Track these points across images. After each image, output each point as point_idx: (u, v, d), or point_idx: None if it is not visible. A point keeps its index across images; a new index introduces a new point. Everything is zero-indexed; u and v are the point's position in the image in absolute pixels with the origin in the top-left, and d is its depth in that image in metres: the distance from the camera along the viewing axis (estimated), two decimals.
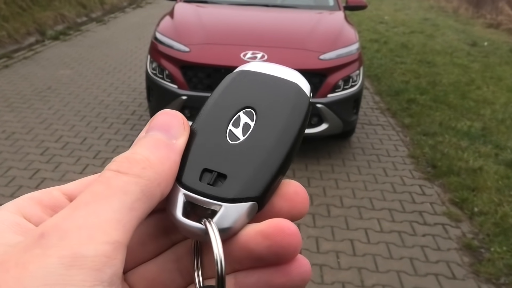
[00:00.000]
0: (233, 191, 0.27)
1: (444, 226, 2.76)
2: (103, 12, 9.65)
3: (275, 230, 0.26)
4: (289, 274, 0.27)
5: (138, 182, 0.25)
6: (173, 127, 0.29)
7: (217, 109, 0.31)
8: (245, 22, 3.85)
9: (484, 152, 3.76)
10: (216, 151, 0.29)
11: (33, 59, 6.01)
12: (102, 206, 0.24)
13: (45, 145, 3.54)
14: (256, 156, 0.28)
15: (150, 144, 0.28)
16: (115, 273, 0.23)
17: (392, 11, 11.63)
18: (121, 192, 0.25)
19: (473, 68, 6.62)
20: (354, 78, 3.45)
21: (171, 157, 0.27)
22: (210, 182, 0.28)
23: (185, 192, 0.28)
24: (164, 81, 3.38)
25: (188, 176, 0.28)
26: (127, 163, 0.26)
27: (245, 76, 0.33)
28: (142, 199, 0.25)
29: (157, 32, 3.63)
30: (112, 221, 0.24)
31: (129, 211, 0.24)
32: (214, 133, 0.30)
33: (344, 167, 3.43)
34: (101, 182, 0.25)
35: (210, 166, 0.28)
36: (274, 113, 0.30)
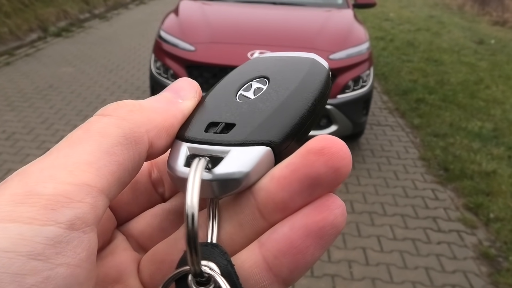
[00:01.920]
0: (242, 135, 0.25)
1: (460, 233, 2.66)
2: (106, 9, 9.54)
3: (327, 143, 0.24)
4: (329, 207, 0.24)
5: (120, 124, 0.23)
6: (183, 89, 0.28)
7: (229, 81, 0.30)
8: (252, 20, 3.75)
9: (497, 155, 3.66)
10: (224, 107, 0.27)
11: (35, 56, 5.91)
12: (75, 149, 0.22)
13: (46, 146, 3.45)
14: (268, 106, 0.26)
15: (154, 98, 0.26)
16: (79, 217, 0.20)
17: (397, 8, 11.49)
18: (98, 134, 0.23)
19: (481, 66, 6.50)
20: (364, 78, 3.35)
21: (169, 110, 0.26)
22: (216, 131, 0.26)
23: (188, 145, 0.26)
24: (168, 81, 3.28)
25: (191, 130, 0.26)
26: (115, 105, 0.25)
27: (259, 59, 0.32)
28: (124, 143, 0.23)
29: (161, 30, 3.52)
30: (82, 163, 0.21)
31: (106, 155, 0.22)
32: (223, 95, 0.28)
33: (354, 170, 3.33)
34: (81, 127, 0.24)
35: (217, 119, 0.26)
36: (288, 78, 0.28)
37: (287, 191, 0.24)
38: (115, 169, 0.22)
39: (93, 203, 0.21)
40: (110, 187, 0.22)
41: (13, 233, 0.19)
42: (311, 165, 0.24)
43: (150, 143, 0.24)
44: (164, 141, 0.25)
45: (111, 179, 0.22)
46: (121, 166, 0.23)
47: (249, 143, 0.24)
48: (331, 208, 0.24)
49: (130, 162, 0.23)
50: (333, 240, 0.24)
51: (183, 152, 0.25)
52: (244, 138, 0.25)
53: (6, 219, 0.19)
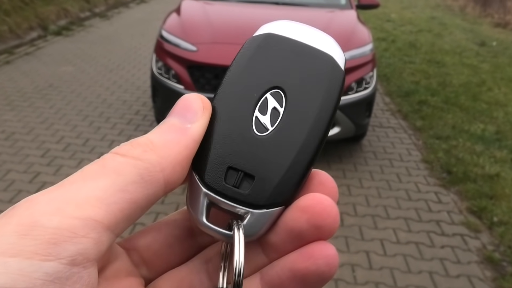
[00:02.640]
0: (262, 197, 0.25)
1: (463, 237, 2.63)
2: (107, 7, 9.51)
3: (313, 202, 0.25)
4: (313, 256, 0.25)
5: (136, 164, 0.23)
6: (190, 111, 0.27)
7: (242, 88, 0.28)
8: (255, 20, 3.72)
9: (500, 158, 3.64)
10: (242, 145, 0.26)
11: (35, 55, 5.88)
12: (88, 183, 0.22)
13: (46, 146, 3.42)
14: (286, 153, 0.26)
15: (162, 129, 0.26)
16: (81, 252, 0.20)
17: (398, 9, 11.47)
18: (114, 172, 0.23)
19: (483, 68, 6.48)
20: (368, 80, 3.32)
21: (181, 142, 0.25)
22: (236, 184, 0.26)
23: (208, 193, 0.26)
24: (170, 81, 3.26)
25: (211, 174, 0.26)
26: (129, 145, 0.25)
27: (272, 44, 0.29)
28: (139, 182, 0.23)
29: (163, 30, 3.49)
30: (92, 198, 0.22)
31: (118, 192, 0.22)
32: (239, 120, 0.27)
33: (356, 172, 3.31)
34: (96, 162, 0.24)
35: (236, 164, 0.26)
36: (306, 97, 0.27)
37: (278, 237, 0.27)
38: (126, 207, 0.23)
39: (97, 238, 0.21)
40: (117, 223, 0.22)
41: (13, 268, 0.19)
42: (296, 220, 0.26)
43: (166, 181, 0.25)
44: (180, 175, 0.25)
45: (119, 215, 0.22)
46: (134, 204, 0.23)
47: (267, 206, 0.26)
48: (315, 258, 0.25)
49: (144, 201, 0.24)
50: (322, 285, 0.26)
51: (203, 201, 0.26)
52: (264, 203, 0.25)
53: (8, 253, 0.19)
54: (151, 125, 3.85)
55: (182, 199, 2.88)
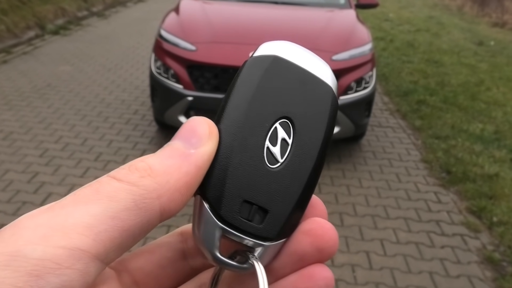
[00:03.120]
0: (274, 231, 0.26)
1: (463, 237, 2.63)
2: (104, 6, 9.48)
3: (316, 225, 0.26)
4: (314, 277, 0.26)
5: (131, 190, 0.22)
6: (196, 135, 0.26)
7: (252, 115, 0.27)
8: (254, 19, 3.71)
9: (499, 157, 3.64)
10: (256, 178, 0.26)
11: (33, 54, 5.86)
12: (78, 208, 0.21)
13: (44, 146, 3.41)
14: (295, 188, 0.27)
15: (163, 153, 0.25)
16: (66, 285, 0.19)
17: (396, 9, 11.48)
18: (107, 197, 0.22)
19: (481, 68, 6.49)
20: (367, 80, 3.32)
21: (182, 168, 0.24)
22: (249, 217, 0.26)
23: (223, 227, 0.25)
24: (169, 81, 3.24)
25: (226, 207, 0.25)
26: (126, 170, 0.24)
27: (279, 69, 0.29)
28: (132, 209, 0.22)
29: (162, 30, 3.48)
30: (81, 226, 0.21)
31: (110, 219, 0.21)
32: (252, 151, 0.26)
33: (356, 172, 3.30)
34: (90, 185, 0.23)
35: (251, 198, 0.26)
36: (311, 130, 0.28)
37: (278, 262, 0.27)
38: (117, 235, 0.22)
39: (83, 269, 0.20)
40: (107, 253, 0.21)
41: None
42: (299, 243, 0.26)
43: (162, 208, 0.24)
44: (178, 202, 0.24)
45: (109, 245, 0.21)
46: (125, 233, 0.22)
47: (278, 239, 0.26)
48: (315, 279, 0.26)
49: (138, 229, 0.23)
50: None
51: (217, 235, 0.26)
52: (275, 235, 0.26)
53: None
54: (149, 125, 3.84)
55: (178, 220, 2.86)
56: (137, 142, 3.54)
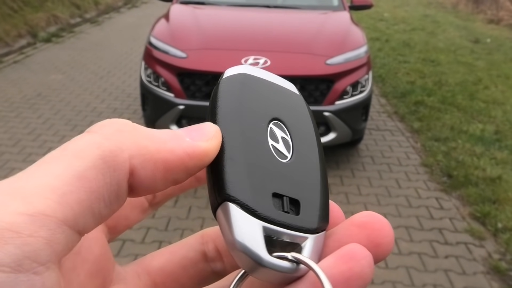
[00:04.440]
0: (314, 220, 0.25)
1: (467, 246, 2.54)
2: (98, 13, 9.39)
3: (371, 218, 0.24)
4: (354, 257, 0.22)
5: (101, 144, 0.20)
6: (198, 132, 0.24)
7: (245, 120, 0.26)
8: (246, 24, 3.62)
9: (501, 159, 3.55)
10: (275, 171, 0.25)
11: (24, 63, 5.76)
12: (41, 169, 0.19)
13: (32, 159, 3.30)
14: (313, 176, 0.26)
15: (158, 130, 0.23)
16: (28, 255, 0.17)
17: (391, 8, 11.41)
18: (73, 155, 0.20)
19: (478, 66, 6.41)
20: (363, 83, 3.22)
21: (168, 143, 0.22)
22: (286, 209, 0.24)
23: (263, 224, 0.23)
24: (159, 89, 3.15)
25: (260, 203, 0.23)
26: (106, 121, 0.22)
27: (252, 82, 0.29)
28: (100, 167, 0.20)
29: (151, 37, 3.38)
30: (43, 188, 0.18)
31: (76, 179, 0.19)
32: (260, 149, 0.25)
33: (354, 178, 3.21)
34: (62, 145, 0.21)
35: (279, 190, 0.24)
36: (301, 126, 0.28)
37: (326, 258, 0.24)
38: (84, 197, 0.19)
39: (49, 236, 0.18)
40: (76, 217, 0.19)
41: None
42: (353, 237, 0.24)
43: (131, 170, 0.21)
44: (149, 173, 0.21)
45: (77, 208, 0.19)
46: (93, 194, 0.20)
47: (319, 230, 0.25)
48: (357, 259, 0.22)
49: (106, 191, 0.20)
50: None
51: (260, 234, 0.23)
52: (317, 226, 0.25)
53: None
54: None
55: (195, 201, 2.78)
56: None
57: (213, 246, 0.29)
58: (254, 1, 3.99)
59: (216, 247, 0.29)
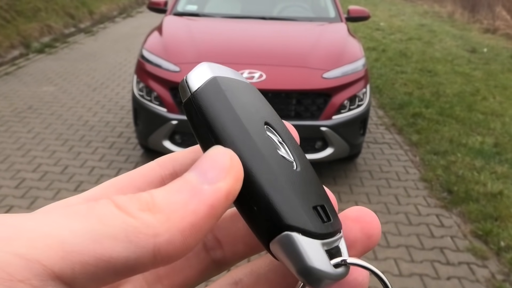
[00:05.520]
0: (338, 219, 0.25)
1: (470, 266, 2.45)
2: (92, 23, 9.33)
3: (362, 213, 0.26)
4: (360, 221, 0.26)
5: (125, 219, 0.20)
6: (213, 169, 0.22)
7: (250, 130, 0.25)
8: (241, 37, 3.55)
9: (502, 173, 3.47)
10: (299, 183, 0.25)
11: (15, 74, 5.67)
12: (63, 219, 0.19)
13: (21, 175, 3.21)
14: (314, 177, 0.27)
15: (173, 186, 0.22)
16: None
17: (387, 17, 11.40)
18: (97, 218, 0.19)
19: (475, 76, 6.36)
20: (361, 97, 3.15)
21: (189, 205, 0.21)
22: (325, 219, 0.25)
23: (323, 241, 0.23)
24: (152, 104, 3.07)
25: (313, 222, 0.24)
26: (128, 197, 0.21)
27: (229, 84, 0.27)
28: (121, 240, 0.19)
29: (143, 50, 3.30)
30: (53, 238, 0.18)
31: (90, 242, 0.19)
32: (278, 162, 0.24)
33: (352, 194, 3.12)
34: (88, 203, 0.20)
35: (313, 202, 0.25)
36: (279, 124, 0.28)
37: None
38: (92, 262, 0.18)
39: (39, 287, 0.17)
40: (74, 278, 0.18)
41: None
42: (350, 231, 0.26)
43: (157, 249, 0.20)
44: (178, 247, 0.20)
45: (79, 269, 0.18)
46: (103, 263, 0.19)
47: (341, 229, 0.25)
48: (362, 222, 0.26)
49: (121, 264, 0.19)
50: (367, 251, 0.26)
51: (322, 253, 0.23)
52: (340, 226, 0.25)
53: None
54: (134, 149, 3.65)
55: None
56: (120, 168, 3.35)
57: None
58: (250, 12, 3.93)
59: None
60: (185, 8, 3.97)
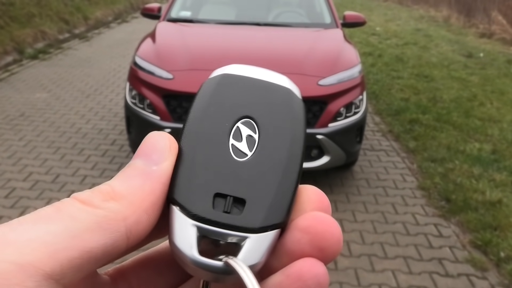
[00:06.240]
0: (258, 218, 0.24)
1: (469, 277, 2.40)
2: (87, 28, 9.27)
3: (314, 221, 0.23)
4: (301, 278, 0.22)
5: (94, 212, 0.22)
6: (156, 151, 0.25)
7: (211, 121, 0.26)
8: (235, 43, 3.49)
9: (500, 181, 3.43)
10: (224, 170, 0.25)
11: (8, 81, 5.61)
12: (37, 226, 0.20)
13: (11, 185, 3.14)
14: (272, 173, 0.25)
15: (125, 174, 0.25)
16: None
17: (383, 22, 11.40)
18: (69, 217, 0.21)
19: (472, 81, 6.33)
20: (357, 104, 3.10)
21: (145, 187, 0.23)
22: (226, 209, 0.24)
23: (197, 224, 0.23)
24: (144, 112, 3.01)
25: (197, 203, 0.24)
26: (89, 192, 0.23)
27: (230, 81, 0.28)
28: (96, 230, 0.21)
29: (136, 57, 3.25)
30: (37, 241, 0.20)
31: (70, 238, 0.20)
32: (215, 148, 0.26)
33: (349, 203, 3.07)
34: (53, 205, 0.22)
35: (223, 190, 0.24)
36: (276, 123, 0.27)
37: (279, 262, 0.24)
38: (76, 255, 0.20)
39: (34, 287, 0.19)
40: (63, 273, 0.20)
41: None
42: (297, 243, 0.23)
43: (129, 231, 0.22)
44: (146, 224, 0.23)
45: (66, 264, 0.20)
46: (86, 254, 0.21)
47: (265, 229, 0.23)
48: (305, 279, 0.22)
49: (101, 251, 0.21)
50: None
51: (193, 235, 0.23)
52: (261, 224, 0.23)
53: None
54: (127, 157, 3.59)
55: None
56: (112, 176, 3.28)
57: None
58: (244, 18, 3.88)
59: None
60: (179, 14, 3.93)
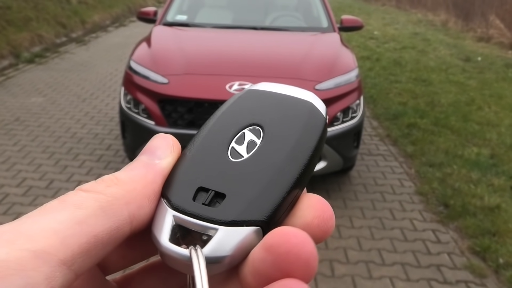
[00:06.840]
0: (232, 212, 0.24)
1: (468, 284, 2.37)
2: (84, 32, 9.25)
3: (278, 240, 0.21)
4: None
5: (97, 198, 0.23)
6: (160, 148, 0.27)
7: (219, 127, 0.28)
8: (231, 48, 3.47)
9: (499, 186, 3.40)
10: (214, 168, 0.26)
11: (4, 85, 5.57)
12: (45, 217, 0.21)
13: (4, 191, 3.10)
14: (262, 174, 0.25)
15: (129, 166, 0.26)
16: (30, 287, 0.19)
17: (381, 26, 11.39)
18: (73, 206, 0.22)
19: (470, 85, 6.32)
20: (354, 109, 3.08)
21: (148, 176, 0.25)
22: (205, 202, 0.24)
23: (174, 213, 0.24)
24: (139, 117, 2.97)
25: (178, 195, 0.25)
26: (93, 182, 0.24)
27: (252, 95, 0.30)
28: (100, 215, 0.22)
29: (131, 61, 3.22)
30: (47, 230, 0.20)
31: (77, 225, 0.21)
32: (213, 149, 0.27)
33: (346, 209, 3.04)
34: (58, 198, 0.23)
35: (207, 184, 0.25)
36: (284, 131, 0.27)
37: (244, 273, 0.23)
38: (84, 240, 0.21)
39: (49, 273, 0.19)
40: (74, 258, 0.20)
41: None
42: (261, 262, 0.22)
43: (132, 215, 0.23)
44: (147, 209, 0.24)
45: (77, 250, 0.20)
46: (93, 238, 0.21)
47: (238, 223, 0.23)
48: None
49: (106, 235, 0.22)
50: None
51: (168, 222, 0.24)
52: (234, 218, 0.23)
53: None
54: (122, 162, 3.55)
55: None
56: None
57: None
58: (241, 22, 3.86)
59: None
60: (175, 18, 3.90)
